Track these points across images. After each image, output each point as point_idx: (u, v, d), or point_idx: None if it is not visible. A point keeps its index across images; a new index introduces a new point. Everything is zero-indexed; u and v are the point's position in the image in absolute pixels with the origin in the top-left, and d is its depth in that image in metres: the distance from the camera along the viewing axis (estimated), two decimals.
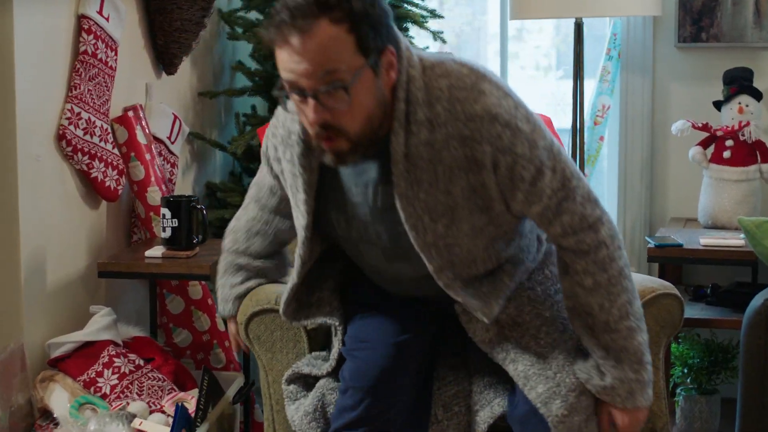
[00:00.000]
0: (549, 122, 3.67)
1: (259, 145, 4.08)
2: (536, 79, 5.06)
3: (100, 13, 3.46)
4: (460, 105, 2.25)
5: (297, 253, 2.52)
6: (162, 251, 3.34)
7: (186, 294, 3.69)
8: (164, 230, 3.32)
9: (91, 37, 3.42)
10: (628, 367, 2.40)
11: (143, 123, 3.67)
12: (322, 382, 2.66)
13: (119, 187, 3.55)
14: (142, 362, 3.29)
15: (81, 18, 3.41)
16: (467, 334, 2.52)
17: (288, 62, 2.15)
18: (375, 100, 2.21)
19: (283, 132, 2.43)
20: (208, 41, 4.32)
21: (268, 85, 4.23)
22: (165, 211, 3.31)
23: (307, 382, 2.73)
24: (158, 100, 3.89)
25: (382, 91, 2.22)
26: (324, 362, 2.71)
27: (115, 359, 3.23)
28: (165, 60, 3.92)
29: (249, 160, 4.21)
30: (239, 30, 4.26)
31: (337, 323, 2.64)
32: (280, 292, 2.76)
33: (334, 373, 2.65)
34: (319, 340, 2.84)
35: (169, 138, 3.88)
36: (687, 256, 3.43)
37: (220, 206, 4.23)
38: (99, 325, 3.27)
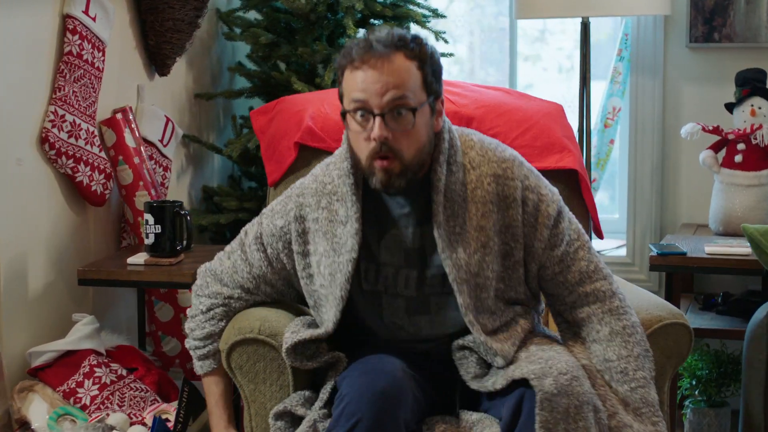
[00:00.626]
0: (561, 111, 3.41)
1: (257, 147, 3.98)
2: (559, 82, 4.93)
3: (86, 12, 3.36)
4: (492, 152, 2.59)
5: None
6: (145, 258, 3.24)
7: (175, 301, 3.59)
8: (147, 236, 3.22)
9: (77, 37, 3.33)
10: (647, 420, 2.51)
11: (133, 126, 3.58)
12: (312, 413, 2.57)
13: (106, 192, 3.46)
14: (124, 372, 3.20)
15: (66, 18, 3.32)
16: (457, 373, 2.59)
17: (362, 82, 2.42)
18: (427, 135, 2.49)
19: (316, 185, 2.63)
20: (206, 42, 4.22)
21: (266, 87, 4.13)
22: (148, 216, 3.21)
23: (294, 416, 2.64)
24: (150, 102, 3.79)
25: (432, 131, 2.51)
26: (314, 402, 2.64)
27: (96, 369, 3.14)
28: (157, 61, 3.82)
29: (246, 163, 4.11)
30: (237, 30, 4.16)
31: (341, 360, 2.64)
32: (264, 318, 2.69)
33: (326, 406, 2.59)
34: (304, 373, 2.71)
35: (161, 141, 3.78)
36: (690, 265, 3.29)
37: (216, 211, 4.13)
38: (81, 333, 3.18)
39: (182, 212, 3.22)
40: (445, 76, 2.60)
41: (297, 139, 3.21)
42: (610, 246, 4.45)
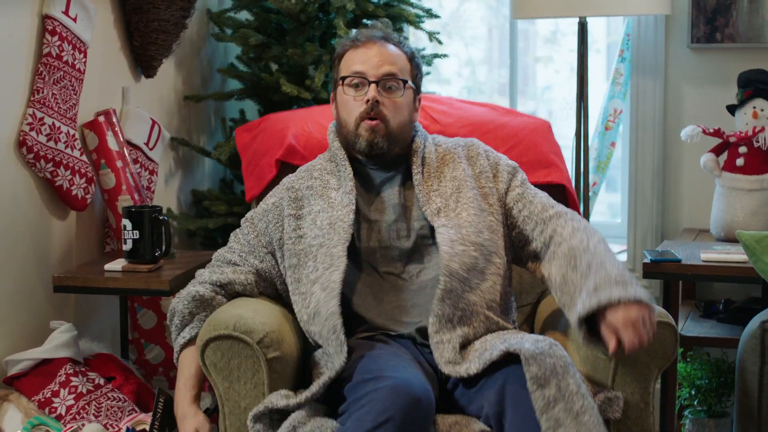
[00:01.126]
0: (549, 128, 3.50)
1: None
2: (571, 82, 4.85)
3: (66, 13, 3.29)
4: (458, 139, 3.04)
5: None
6: (123, 264, 3.15)
7: (158, 308, 3.51)
8: (125, 242, 3.14)
9: (56, 38, 3.26)
10: (611, 267, 2.63)
11: (116, 128, 3.50)
12: (294, 415, 2.56)
13: (88, 196, 3.38)
14: (102, 381, 3.12)
15: (45, 18, 3.25)
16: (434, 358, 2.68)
17: (362, 57, 2.87)
18: (409, 115, 2.92)
19: (305, 169, 3.00)
20: (196, 43, 4.14)
21: (257, 89, 4.05)
22: (126, 222, 3.13)
23: (272, 419, 2.62)
24: (136, 104, 3.72)
25: (412, 117, 2.94)
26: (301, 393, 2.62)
27: (73, 378, 3.06)
28: (143, 62, 3.74)
29: (236, 166, 4.01)
30: (228, 31, 4.08)
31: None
32: (239, 316, 2.68)
33: (314, 403, 2.61)
34: (280, 371, 2.69)
35: (146, 144, 3.70)
36: (685, 273, 3.17)
37: (206, 215, 4.05)
38: (57, 341, 3.11)
39: (161, 218, 3.13)
40: (458, 78, 2.78)
41: (279, 157, 3.30)
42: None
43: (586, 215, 4.00)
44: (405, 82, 2.87)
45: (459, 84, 4.85)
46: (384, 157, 2.89)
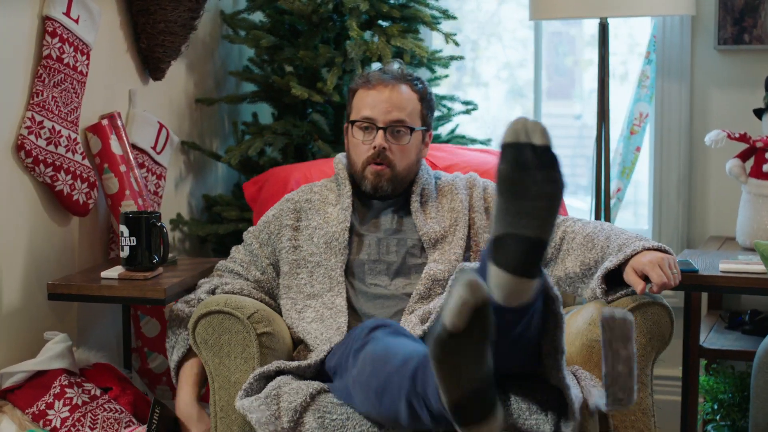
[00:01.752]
0: None
1: (258, 154, 3.83)
2: (613, 87, 4.74)
3: (67, 14, 3.21)
4: (458, 174, 3.12)
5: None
6: (119, 272, 3.07)
7: (162, 316, 3.43)
8: (123, 249, 3.05)
9: (56, 40, 3.18)
10: (631, 233, 2.77)
11: (121, 132, 3.42)
12: (279, 378, 2.63)
13: (90, 201, 3.30)
14: (98, 392, 3.04)
15: (45, 20, 3.17)
16: None
17: (372, 101, 2.95)
18: (416, 156, 3.02)
19: (305, 187, 3.11)
20: (209, 44, 4.06)
21: (269, 92, 3.96)
22: (123, 228, 3.04)
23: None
24: (144, 107, 3.64)
25: (420, 155, 3.03)
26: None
27: (68, 389, 2.98)
28: (150, 65, 3.66)
29: (247, 171, 3.94)
30: (242, 33, 3.99)
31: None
32: (229, 297, 2.78)
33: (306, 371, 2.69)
34: (271, 347, 2.73)
35: (153, 148, 3.62)
36: (702, 284, 3.03)
37: (217, 221, 3.96)
38: (51, 352, 3.03)
39: (158, 224, 3.04)
40: (496, 81, 2.79)
41: None
42: None
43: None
44: (412, 129, 2.96)
45: (499, 87, 4.72)
46: (386, 197, 3.00)
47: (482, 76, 4.69)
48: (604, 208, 3.86)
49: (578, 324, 2.80)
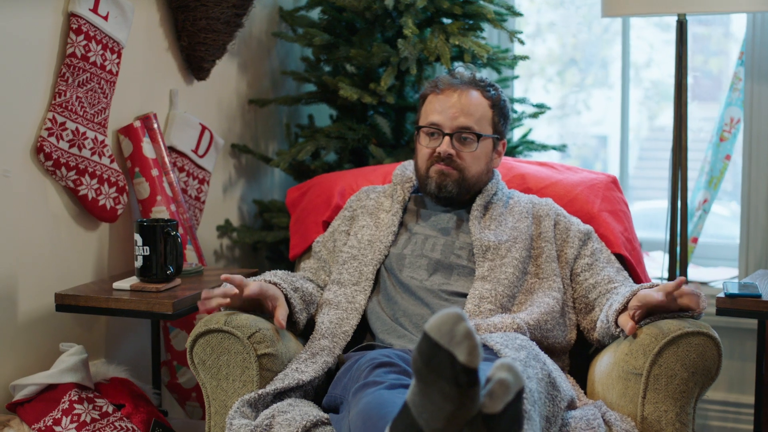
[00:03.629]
0: (609, 185, 3.24)
1: (312, 157, 3.65)
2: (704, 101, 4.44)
3: (94, 11, 3.06)
4: (532, 196, 3.01)
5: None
6: (132, 282, 2.90)
7: (192, 328, 3.25)
8: (136, 259, 2.88)
9: (82, 37, 3.03)
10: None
11: (156, 134, 3.26)
12: (276, 405, 2.42)
13: (118, 206, 3.15)
14: (110, 409, 2.88)
15: (70, 17, 3.03)
16: None
17: (440, 106, 2.86)
18: (486, 165, 2.91)
19: (362, 193, 3.06)
20: (265, 43, 3.88)
21: (325, 92, 3.76)
22: (137, 236, 2.87)
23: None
24: (188, 108, 3.47)
25: (490, 164, 2.93)
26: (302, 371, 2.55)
27: (77, 405, 2.83)
28: (193, 64, 3.49)
29: (299, 176, 3.74)
30: (301, 31, 3.79)
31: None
32: (231, 315, 2.57)
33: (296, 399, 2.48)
34: (272, 369, 2.53)
35: (195, 151, 3.45)
36: (763, 310, 2.72)
37: (267, 227, 3.78)
38: (64, 365, 2.88)
39: (173, 233, 2.86)
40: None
41: (325, 218, 3.23)
42: (720, 276, 3.89)
43: (683, 240, 3.55)
44: (480, 136, 2.85)
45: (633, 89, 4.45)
46: (452, 201, 2.91)
47: (611, 75, 4.42)
48: (681, 220, 3.55)
49: (617, 355, 2.54)
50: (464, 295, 2.74)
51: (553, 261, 2.82)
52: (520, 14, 3.67)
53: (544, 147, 3.81)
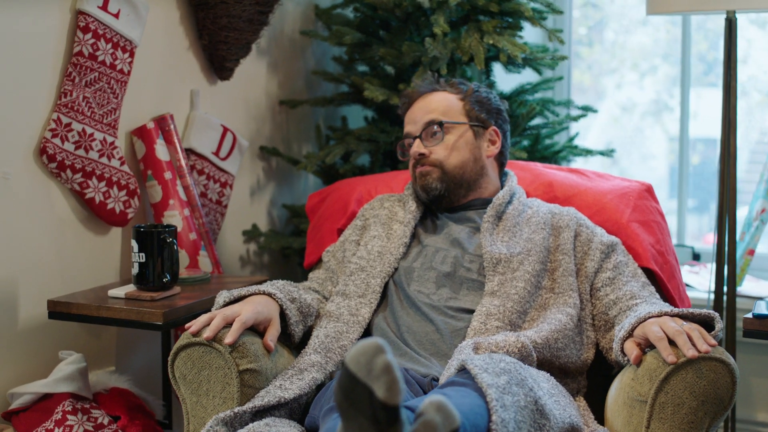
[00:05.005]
0: (643, 193, 3.02)
1: (344, 159, 3.53)
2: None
3: (103, 8, 2.97)
4: (552, 204, 2.84)
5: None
6: (128, 290, 2.79)
7: None
8: (133, 266, 2.77)
9: (89, 36, 2.94)
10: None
11: (172, 136, 3.16)
12: (253, 424, 2.25)
13: (129, 210, 3.06)
14: (106, 420, 2.77)
15: (78, 14, 2.94)
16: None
17: (409, 118, 2.85)
18: (470, 153, 2.80)
19: (376, 201, 2.94)
20: (298, 42, 3.75)
21: (357, 93, 3.62)
22: (133, 243, 2.76)
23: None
24: (211, 109, 3.36)
25: (480, 153, 2.81)
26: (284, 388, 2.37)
27: (70, 416, 2.73)
28: (215, 63, 3.38)
29: (328, 179, 3.60)
30: (334, 28, 3.66)
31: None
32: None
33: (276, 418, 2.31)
34: (254, 386, 2.39)
35: (216, 153, 3.34)
36: None
37: (295, 233, 3.65)
38: (60, 374, 2.79)
39: (169, 240, 2.74)
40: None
41: (340, 226, 3.09)
42: None
43: (732, 258, 3.31)
44: (442, 123, 2.78)
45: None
46: (445, 200, 2.80)
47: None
48: (729, 231, 3.32)
49: (624, 379, 2.36)
50: (471, 312, 2.56)
51: (570, 275, 2.63)
52: (560, 11, 3.48)
53: (588, 152, 3.62)
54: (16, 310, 2.84)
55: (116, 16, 3.01)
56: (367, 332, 2.63)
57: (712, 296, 3.49)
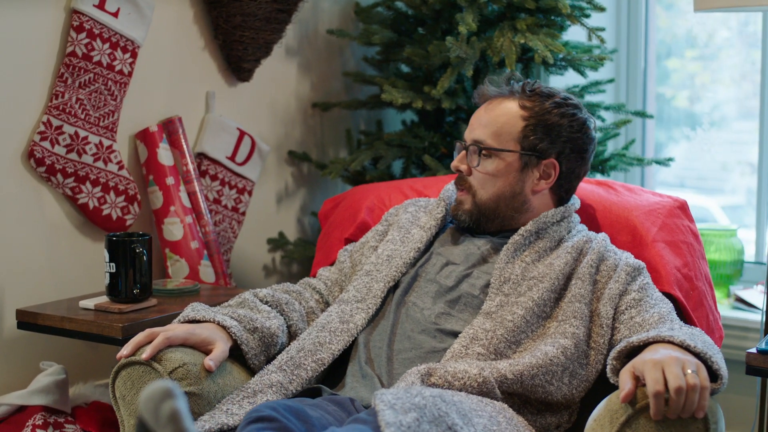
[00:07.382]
0: (675, 211, 2.72)
1: (374, 161, 3.36)
2: None
3: (100, 7, 2.86)
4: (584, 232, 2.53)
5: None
6: (98, 301, 2.66)
7: None
8: (105, 276, 2.65)
9: (83, 35, 2.84)
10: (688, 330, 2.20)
11: (180, 140, 3.04)
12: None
13: (128, 216, 2.95)
14: None
15: (72, 13, 2.84)
16: None
17: (470, 122, 2.52)
18: (510, 186, 2.46)
19: (402, 206, 2.69)
20: (334, 42, 3.57)
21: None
22: (105, 252, 2.64)
23: None
24: (228, 112, 3.23)
25: (523, 187, 2.46)
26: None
27: (38, 431, 2.63)
28: (231, 64, 3.24)
29: (356, 185, 3.41)
30: (362, 26, 3.48)
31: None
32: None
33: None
34: (193, 409, 2.22)
35: (231, 158, 3.20)
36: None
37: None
38: (36, 386, 2.70)
39: (139, 250, 2.60)
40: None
41: (348, 235, 2.90)
42: None
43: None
44: (480, 150, 2.46)
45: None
46: (476, 230, 2.53)
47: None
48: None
49: (589, 419, 2.10)
50: (458, 335, 2.34)
51: (578, 301, 2.34)
52: (602, 8, 3.22)
53: (639, 161, 3.34)
54: (1, 319, 2.75)
55: (115, 15, 2.90)
56: (355, 342, 2.41)
57: (765, 317, 3.18)
